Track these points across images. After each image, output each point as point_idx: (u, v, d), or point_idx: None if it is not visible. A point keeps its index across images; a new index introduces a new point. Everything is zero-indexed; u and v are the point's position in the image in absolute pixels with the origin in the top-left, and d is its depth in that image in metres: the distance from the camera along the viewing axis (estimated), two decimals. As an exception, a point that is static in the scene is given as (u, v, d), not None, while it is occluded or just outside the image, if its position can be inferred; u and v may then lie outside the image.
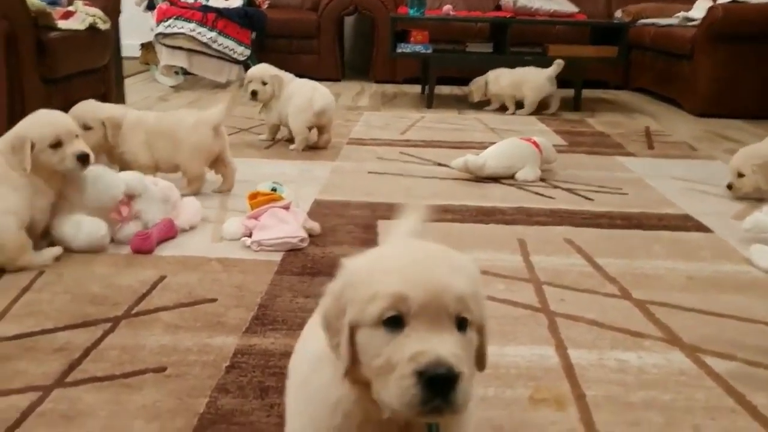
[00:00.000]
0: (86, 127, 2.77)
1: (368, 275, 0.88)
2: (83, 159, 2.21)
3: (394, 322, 0.83)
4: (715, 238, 2.57)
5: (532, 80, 5.06)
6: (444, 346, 0.80)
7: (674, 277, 2.20)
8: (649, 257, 2.36)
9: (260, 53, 6.05)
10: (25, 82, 2.98)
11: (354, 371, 0.87)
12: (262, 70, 3.83)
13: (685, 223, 2.72)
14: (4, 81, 2.70)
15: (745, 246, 2.42)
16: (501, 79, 5.15)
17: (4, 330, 1.76)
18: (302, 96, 3.70)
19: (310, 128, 3.77)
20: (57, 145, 2.18)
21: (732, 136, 4.53)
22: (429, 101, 5.36)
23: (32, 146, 2.14)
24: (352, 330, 0.87)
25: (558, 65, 4.97)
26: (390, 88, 6.39)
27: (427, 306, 0.83)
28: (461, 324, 0.85)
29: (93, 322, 1.80)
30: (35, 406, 1.44)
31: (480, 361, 0.92)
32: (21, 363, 1.61)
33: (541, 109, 5.16)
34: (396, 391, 0.80)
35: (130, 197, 2.37)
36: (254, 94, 3.78)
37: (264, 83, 3.77)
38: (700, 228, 2.67)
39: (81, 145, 2.23)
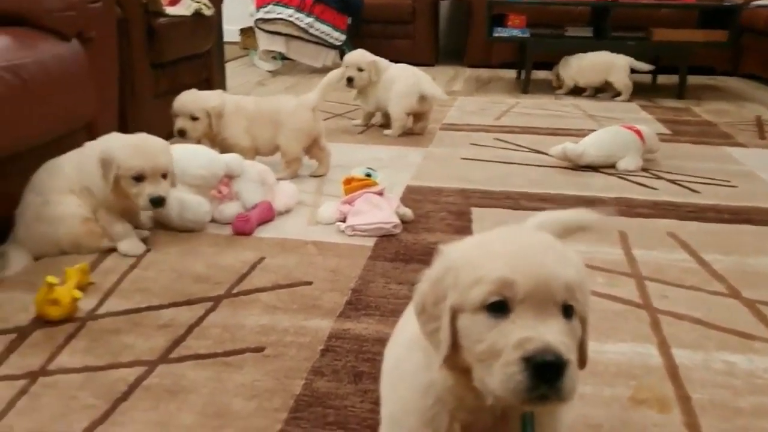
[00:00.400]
0: (193, 118, 2.89)
1: (472, 260, 0.86)
2: (157, 202, 2.14)
3: (499, 308, 0.82)
4: (835, 236, 2.41)
5: (619, 64, 4.93)
6: (551, 333, 0.79)
7: (788, 276, 2.08)
8: (760, 254, 2.24)
9: (355, 38, 6.08)
10: (136, 66, 3.10)
11: (451, 357, 0.86)
12: (359, 56, 3.79)
13: (801, 220, 2.57)
14: (116, 65, 2.82)
15: None
16: (570, 64, 5.11)
17: (114, 305, 1.85)
18: (404, 81, 3.69)
19: (409, 114, 3.77)
20: (140, 178, 2.13)
21: None
22: (525, 86, 5.26)
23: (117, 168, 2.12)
24: (453, 315, 0.86)
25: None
26: (484, 73, 6.30)
27: (534, 292, 0.81)
28: (567, 312, 0.83)
29: (196, 300, 1.87)
30: (141, 380, 1.51)
31: (581, 356, 0.89)
32: (129, 337, 1.68)
33: (598, 91, 5.14)
34: (501, 377, 0.79)
35: (229, 177, 2.44)
36: (350, 81, 3.74)
37: (360, 69, 3.74)
38: (818, 225, 2.51)
39: (161, 188, 2.14)
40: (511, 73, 6.12)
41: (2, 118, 2.00)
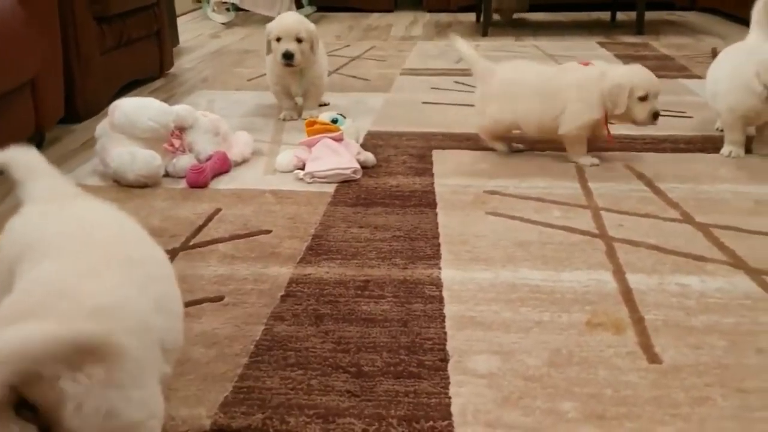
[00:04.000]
0: (299, 39, 2.86)
1: None
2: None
3: None
4: (787, 160, 2.45)
5: None
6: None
7: (740, 201, 2.12)
8: (713, 182, 2.27)
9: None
10: (79, 20, 2.98)
11: None
12: (297, 22, 2.89)
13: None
14: (57, 20, 2.71)
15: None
16: None
17: (68, 262, 1.82)
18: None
19: None
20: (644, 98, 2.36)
21: (808, 55, 4.26)
22: (485, 29, 5.21)
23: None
24: None
25: None
26: (444, 17, 6.23)
27: None
28: None
29: (152, 254, 1.84)
30: (100, 334, 1.49)
31: None
32: (85, 293, 1.66)
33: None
34: None
35: (181, 129, 2.40)
36: (289, 57, 2.84)
37: (299, 40, 2.86)
38: (770, 150, 2.55)
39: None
40: (470, 17, 6.05)
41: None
